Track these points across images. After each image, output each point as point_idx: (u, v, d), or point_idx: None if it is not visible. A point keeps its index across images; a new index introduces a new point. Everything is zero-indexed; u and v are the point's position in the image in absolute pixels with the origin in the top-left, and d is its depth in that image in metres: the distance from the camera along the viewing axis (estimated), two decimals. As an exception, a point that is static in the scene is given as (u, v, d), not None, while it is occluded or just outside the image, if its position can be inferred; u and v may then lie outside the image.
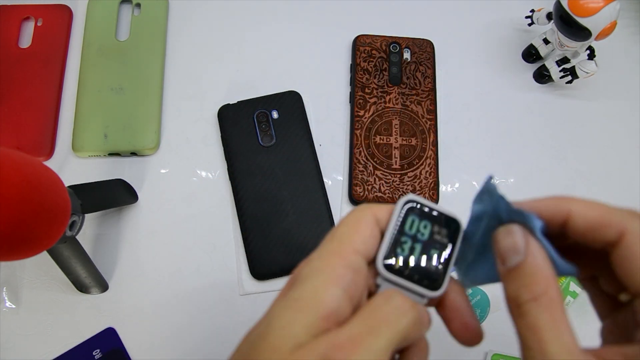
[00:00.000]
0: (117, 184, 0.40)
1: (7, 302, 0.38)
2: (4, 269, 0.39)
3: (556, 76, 0.45)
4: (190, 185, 0.42)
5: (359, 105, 0.44)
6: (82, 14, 0.46)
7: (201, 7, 0.48)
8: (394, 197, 0.41)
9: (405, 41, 0.46)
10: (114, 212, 0.41)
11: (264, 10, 0.48)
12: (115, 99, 0.43)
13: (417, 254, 0.21)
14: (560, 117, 0.46)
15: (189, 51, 0.46)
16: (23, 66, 0.43)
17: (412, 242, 0.21)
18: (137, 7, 0.46)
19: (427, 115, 0.44)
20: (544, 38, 0.45)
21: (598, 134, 0.46)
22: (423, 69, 0.45)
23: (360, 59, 0.45)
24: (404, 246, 0.21)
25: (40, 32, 0.45)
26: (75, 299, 0.38)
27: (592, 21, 0.37)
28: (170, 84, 0.45)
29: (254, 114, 0.42)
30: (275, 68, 0.46)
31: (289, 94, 0.43)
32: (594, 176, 0.45)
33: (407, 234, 0.21)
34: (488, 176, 0.21)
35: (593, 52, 0.42)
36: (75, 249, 0.35)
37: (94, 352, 0.37)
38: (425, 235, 0.21)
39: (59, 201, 0.29)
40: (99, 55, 0.44)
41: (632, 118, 0.47)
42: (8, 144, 0.41)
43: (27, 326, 0.38)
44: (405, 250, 0.21)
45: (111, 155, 0.42)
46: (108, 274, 0.39)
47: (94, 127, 0.42)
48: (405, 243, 0.21)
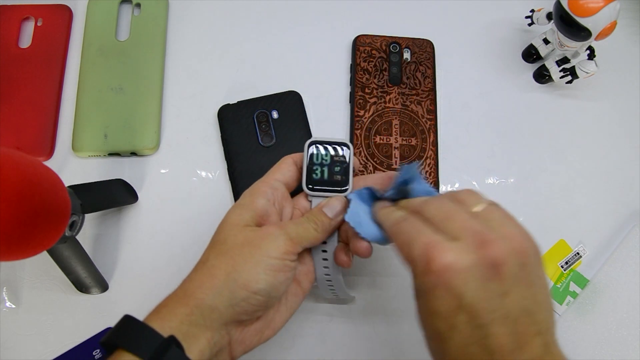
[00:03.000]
0: (117, 184, 0.40)
1: (7, 302, 0.38)
2: (4, 269, 0.39)
3: (556, 76, 0.45)
4: (190, 185, 0.42)
5: (359, 105, 0.44)
6: (82, 14, 0.46)
7: (201, 7, 0.48)
8: (394, 197, 0.41)
9: (405, 41, 0.46)
10: (114, 212, 0.41)
11: (264, 10, 0.48)
12: (115, 99, 0.43)
13: (326, 173, 0.31)
14: (560, 117, 0.46)
15: (189, 51, 0.46)
16: (23, 66, 0.43)
17: (320, 167, 0.31)
18: (137, 7, 0.46)
19: (427, 115, 0.44)
20: (544, 38, 0.45)
21: (598, 134, 0.46)
22: (423, 69, 0.45)
23: (360, 59, 0.45)
24: (316, 172, 0.31)
25: (40, 32, 0.45)
26: (75, 299, 0.38)
27: (592, 21, 0.37)
28: (170, 84, 0.45)
29: (254, 114, 0.42)
30: (275, 68, 0.46)
31: (289, 94, 0.43)
32: (594, 176, 0.45)
33: (316, 164, 0.31)
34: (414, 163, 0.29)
35: (593, 52, 0.42)
36: (75, 249, 0.35)
37: (93, 352, 0.37)
38: (328, 160, 0.31)
39: (59, 201, 0.29)
40: (99, 55, 0.44)
41: (632, 118, 0.47)
42: (8, 144, 0.41)
43: (27, 326, 0.38)
44: (317, 174, 0.31)
45: (111, 155, 0.42)
46: (108, 274, 0.39)
47: (94, 127, 0.42)
48: (316, 169, 0.31)
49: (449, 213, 0.24)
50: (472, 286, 0.22)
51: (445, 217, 0.24)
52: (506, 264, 0.22)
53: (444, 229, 0.24)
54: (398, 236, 0.26)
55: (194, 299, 0.26)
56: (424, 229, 0.24)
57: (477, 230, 0.23)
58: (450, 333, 0.23)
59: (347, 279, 0.40)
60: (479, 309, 0.22)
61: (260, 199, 0.29)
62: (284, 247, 0.28)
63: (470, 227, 0.23)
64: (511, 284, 0.22)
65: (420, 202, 0.26)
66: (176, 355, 0.24)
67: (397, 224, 0.26)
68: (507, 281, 0.22)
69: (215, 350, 0.27)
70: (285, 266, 0.28)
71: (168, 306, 0.27)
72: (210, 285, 0.27)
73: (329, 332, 0.39)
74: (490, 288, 0.22)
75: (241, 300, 0.27)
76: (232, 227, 0.29)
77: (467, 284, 0.22)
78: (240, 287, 0.26)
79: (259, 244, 0.28)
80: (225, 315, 0.26)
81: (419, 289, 0.24)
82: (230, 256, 0.27)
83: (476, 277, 0.22)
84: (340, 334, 0.39)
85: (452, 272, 0.22)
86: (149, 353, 0.24)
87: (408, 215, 0.26)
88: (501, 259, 0.22)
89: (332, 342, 0.39)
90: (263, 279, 0.27)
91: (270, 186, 0.30)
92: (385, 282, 0.40)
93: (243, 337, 0.29)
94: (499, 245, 0.22)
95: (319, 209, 0.30)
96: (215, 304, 0.26)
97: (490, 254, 0.22)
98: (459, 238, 0.23)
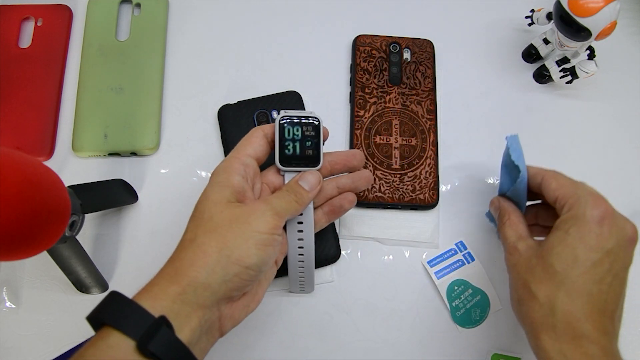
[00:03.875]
0: (117, 184, 0.40)
1: (7, 302, 0.38)
2: (4, 269, 0.39)
3: (556, 76, 0.45)
4: (190, 185, 0.42)
5: (359, 105, 0.44)
6: (82, 14, 0.46)
7: (201, 7, 0.48)
8: (394, 197, 0.41)
9: (405, 41, 0.46)
10: (114, 212, 0.41)
11: (264, 10, 0.48)
12: (115, 99, 0.43)
13: (298, 148, 0.32)
14: (560, 117, 0.46)
15: (189, 51, 0.46)
16: (23, 66, 0.43)
17: (292, 142, 0.32)
18: (137, 7, 0.46)
19: (427, 115, 0.44)
20: (544, 38, 0.45)
21: (598, 134, 0.46)
22: (423, 69, 0.45)
23: (360, 59, 0.45)
24: (288, 147, 0.32)
25: (40, 32, 0.45)
26: (75, 299, 0.38)
27: (592, 21, 0.37)
28: (170, 84, 0.45)
29: (254, 114, 0.42)
30: (275, 68, 0.46)
31: (289, 94, 0.43)
32: (594, 176, 0.45)
33: (287, 139, 0.32)
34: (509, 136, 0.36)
35: (593, 52, 0.42)
36: (75, 249, 0.35)
37: (94, 352, 0.37)
38: (299, 135, 0.32)
39: (59, 201, 0.29)
40: (99, 55, 0.44)
41: (632, 118, 0.47)
42: (8, 144, 0.41)
43: (27, 326, 0.38)
44: (289, 149, 0.32)
45: (111, 155, 0.42)
46: (108, 274, 0.39)
47: (94, 127, 0.42)
48: (288, 145, 0.32)
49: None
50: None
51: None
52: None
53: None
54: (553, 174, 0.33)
55: (186, 277, 0.26)
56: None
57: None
58: (604, 259, 0.29)
59: (346, 279, 0.40)
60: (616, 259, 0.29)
61: (236, 176, 0.30)
62: (272, 222, 0.29)
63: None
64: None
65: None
66: (166, 335, 0.24)
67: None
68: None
69: (206, 327, 0.27)
70: (274, 240, 0.29)
71: (159, 284, 0.27)
72: (203, 262, 0.27)
73: (329, 332, 0.39)
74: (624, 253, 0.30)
75: (234, 275, 0.27)
76: (215, 204, 0.29)
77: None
78: (234, 262, 0.27)
79: (247, 219, 0.28)
80: (218, 292, 0.27)
81: (578, 219, 0.30)
82: (220, 233, 0.28)
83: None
84: (339, 333, 0.39)
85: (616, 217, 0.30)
86: (139, 333, 0.24)
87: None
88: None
89: (332, 342, 0.39)
90: (255, 254, 0.28)
91: (243, 162, 0.31)
92: (386, 282, 0.40)
93: (232, 312, 0.29)
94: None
95: (296, 182, 0.32)
96: (209, 281, 0.27)
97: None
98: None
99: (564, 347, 0.28)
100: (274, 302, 0.39)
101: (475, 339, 0.39)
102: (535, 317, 0.29)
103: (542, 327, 0.29)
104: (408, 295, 0.40)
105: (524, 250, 0.32)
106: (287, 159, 0.32)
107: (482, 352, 0.39)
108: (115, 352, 0.23)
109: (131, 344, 0.24)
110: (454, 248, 0.41)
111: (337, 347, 0.39)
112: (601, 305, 0.28)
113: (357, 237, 0.41)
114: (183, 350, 0.25)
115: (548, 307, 0.29)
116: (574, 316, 0.28)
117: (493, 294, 0.40)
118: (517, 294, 0.31)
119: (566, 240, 0.29)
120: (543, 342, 0.28)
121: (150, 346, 0.23)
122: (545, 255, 0.30)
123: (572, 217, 0.30)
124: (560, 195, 0.32)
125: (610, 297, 0.29)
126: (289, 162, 0.32)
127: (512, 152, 0.35)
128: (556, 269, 0.29)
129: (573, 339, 0.28)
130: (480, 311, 0.39)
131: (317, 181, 0.32)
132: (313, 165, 0.33)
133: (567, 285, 0.28)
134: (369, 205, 0.41)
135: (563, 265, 0.29)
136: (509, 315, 0.40)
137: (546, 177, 0.33)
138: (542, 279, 0.29)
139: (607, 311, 0.29)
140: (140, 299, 0.26)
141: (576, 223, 0.30)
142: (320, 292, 0.40)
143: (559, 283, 0.29)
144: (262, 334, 0.39)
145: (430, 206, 0.41)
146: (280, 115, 0.32)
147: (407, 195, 0.41)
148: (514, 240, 0.33)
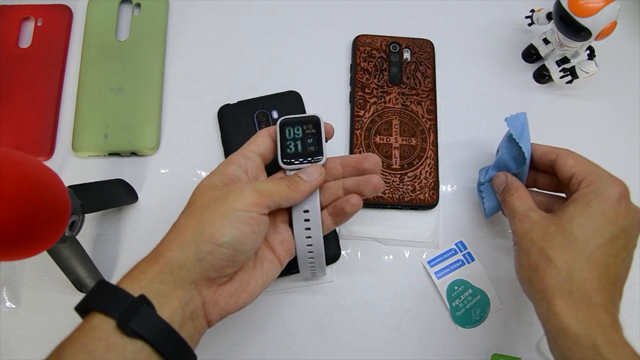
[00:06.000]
0: (117, 184, 0.40)
1: (7, 302, 0.38)
2: (4, 269, 0.39)
3: (556, 76, 0.45)
4: (190, 185, 0.41)
5: (359, 105, 0.44)
6: (82, 14, 0.46)
7: (201, 7, 0.48)
8: (394, 197, 0.41)
9: (405, 41, 0.46)
10: (114, 212, 0.41)
11: (263, 10, 0.48)
12: (115, 99, 0.43)
13: (300, 146, 0.33)
14: (560, 117, 0.46)
15: (189, 51, 0.46)
16: (23, 66, 0.44)
17: (293, 142, 0.33)
18: (137, 7, 0.46)
19: (427, 115, 0.44)
20: (544, 38, 0.45)
21: (598, 134, 0.46)
22: (423, 69, 0.45)
23: (360, 59, 0.45)
24: (290, 146, 0.33)
25: (40, 32, 0.45)
26: (75, 299, 0.38)
27: (592, 21, 0.37)
28: (170, 84, 0.45)
29: (254, 114, 0.42)
30: (275, 68, 0.46)
31: (289, 94, 0.43)
32: (594, 176, 0.45)
33: (288, 139, 0.33)
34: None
35: (593, 52, 0.42)
36: (75, 249, 0.35)
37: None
38: (300, 134, 0.33)
39: (59, 201, 0.29)
40: (99, 55, 0.44)
41: (632, 118, 0.47)
42: (8, 144, 0.41)
43: (27, 326, 0.38)
44: (292, 148, 0.33)
45: (111, 155, 0.42)
46: (108, 274, 0.39)
47: (93, 127, 0.42)
48: (290, 144, 0.33)
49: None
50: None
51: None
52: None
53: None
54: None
55: (162, 257, 0.27)
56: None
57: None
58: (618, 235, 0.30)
59: (346, 279, 0.40)
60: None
61: (232, 166, 0.31)
62: (250, 198, 0.29)
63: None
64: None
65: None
66: (147, 314, 0.25)
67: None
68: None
69: (188, 310, 0.27)
70: (250, 218, 0.28)
71: (139, 267, 0.27)
72: (178, 242, 0.28)
73: (329, 332, 0.39)
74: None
75: (207, 253, 0.27)
76: (201, 190, 0.30)
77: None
78: (206, 239, 0.27)
79: (225, 198, 0.29)
80: (194, 271, 0.27)
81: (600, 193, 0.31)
82: (199, 213, 0.28)
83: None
84: (339, 333, 0.39)
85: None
86: (119, 312, 0.24)
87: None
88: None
89: (332, 342, 0.39)
90: (228, 231, 0.27)
91: (244, 156, 0.32)
92: (386, 282, 0.40)
93: (217, 298, 0.29)
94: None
95: (295, 173, 0.33)
96: (183, 260, 0.27)
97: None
98: None
99: (579, 314, 0.28)
100: (274, 302, 0.39)
101: (475, 339, 0.39)
102: (551, 282, 0.30)
103: (559, 292, 0.29)
104: (408, 295, 0.40)
105: (537, 219, 0.33)
106: (290, 157, 0.33)
107: (482, 352, 0.39)
108: (97, 332, 0.24)
109: (112, 323, 0.24)
110: (454, 248, 0.41)
111: (337, 347, 0.39)
112: (614, 278, 0.30)
113: (357, 237, 0.41)
114: (166, 328, 0.25)
115: (566, 273, 0.29)
116: (592, 284, 0.29)
117: (493, 294, 0.40)
118: (530, 259, 0.31)
119: (588, 211, 0.31)
120: (557, 308, 0.29)
121: (131, 324, 0.24)
122: (565, 224, 0.31)
123: (593, 191, 0.31)
124: (579, 171, 0.33)
125: (622, 272, 0.30)
126: (292, 160, 0.33)
127: (514, 133, 0.36)
128: (577, 237, 0.30)
129: (588, 307, 0.28)
130: (480, 311, 0.39)
131: (318, 172, 0.32)
132: (316, 161, 0.33)
133: (587, 253, 0.29)
134: (369, 205, 0.41)
135: (584, 235, 0.30)
136: (509, 315, 0.40)
137: (562, 155, 0.34)
138: (562, 245, 0.30)
139: (618, 284, 0.30)
140: (121, 282, 0.27)
141: (597, 197, 0.31)
142: (320, 292, 0.40)
143: (579, 251, 0.30)
144: (262, 334, 0.39)
145: (430, 206, 0.41)
146: (281, 118, 0.34)
147: (407, 195, 0.41)
148: (524, 209, 0.34)
